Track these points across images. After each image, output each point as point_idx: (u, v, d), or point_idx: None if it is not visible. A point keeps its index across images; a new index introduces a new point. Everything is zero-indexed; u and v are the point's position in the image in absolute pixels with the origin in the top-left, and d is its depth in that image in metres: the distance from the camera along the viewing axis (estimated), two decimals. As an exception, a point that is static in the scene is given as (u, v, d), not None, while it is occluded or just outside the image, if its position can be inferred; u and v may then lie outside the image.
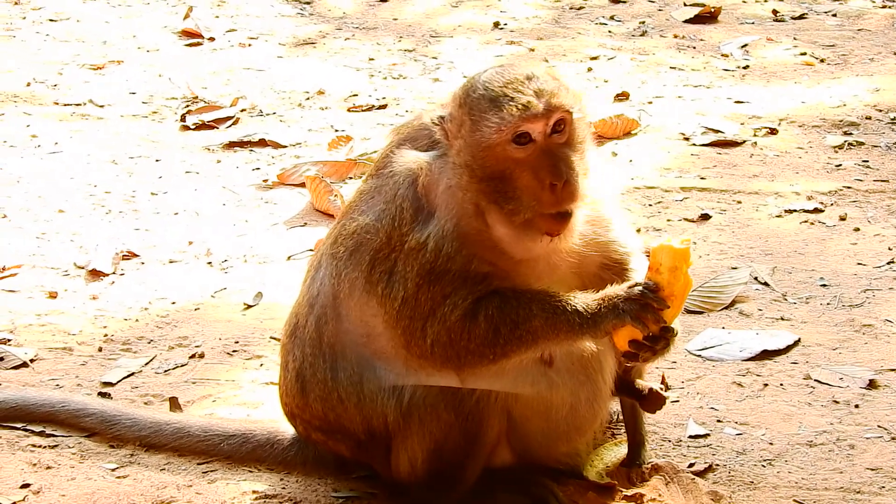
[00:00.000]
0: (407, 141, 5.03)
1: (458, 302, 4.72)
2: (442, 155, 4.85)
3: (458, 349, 4.74)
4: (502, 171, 4.69)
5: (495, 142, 4.64)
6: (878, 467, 5.51)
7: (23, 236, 7.92)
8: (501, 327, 4.71)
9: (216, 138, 9.69)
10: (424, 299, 4.75)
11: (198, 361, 6.42)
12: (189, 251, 7.77)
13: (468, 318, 4.71)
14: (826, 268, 7.50)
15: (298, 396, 5.17)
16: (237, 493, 5.29)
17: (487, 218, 4.78)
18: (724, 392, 6.15)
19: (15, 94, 10.57)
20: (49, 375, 6.26)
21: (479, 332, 4.71)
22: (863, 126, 9.84)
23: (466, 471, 5.07)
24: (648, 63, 11.57)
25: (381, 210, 4.92)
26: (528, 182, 4.67)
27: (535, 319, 4.70)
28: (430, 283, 4.75)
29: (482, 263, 4.78)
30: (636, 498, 5.25)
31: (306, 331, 5.12)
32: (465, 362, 4.77)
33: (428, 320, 4.74)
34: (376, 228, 4.89)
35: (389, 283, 4.81)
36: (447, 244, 4.76)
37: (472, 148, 4.70)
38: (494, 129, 4.63)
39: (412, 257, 4.78)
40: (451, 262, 4.76)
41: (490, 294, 4.74)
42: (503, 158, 4.67)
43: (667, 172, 9.01)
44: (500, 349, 4.74)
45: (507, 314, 4.70)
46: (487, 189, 4.71)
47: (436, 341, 4.75)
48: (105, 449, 5.63)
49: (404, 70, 11.41)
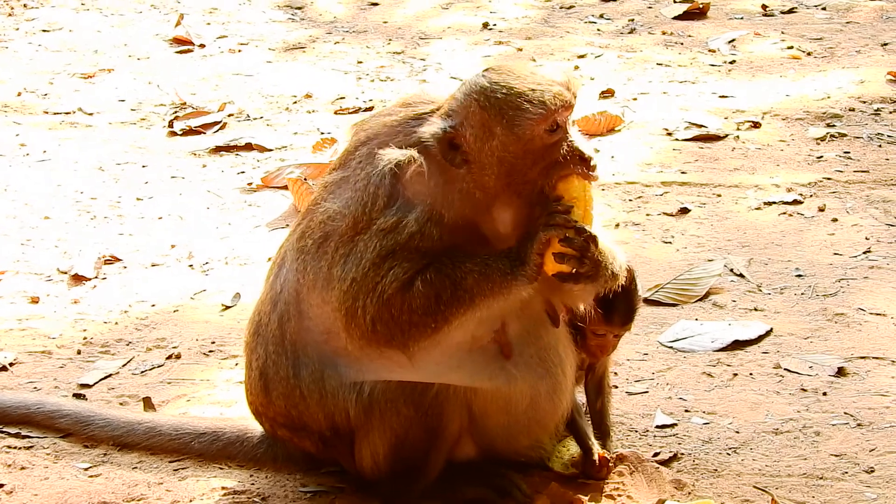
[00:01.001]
0: (375, 136, 5.09)
1: (400, 274, 4.79)
2: (430, 153, 4.90)
3: (400, 323, 4.79)
4: (535, 159, 4.84)
5: (537, 133, 4.79)
6: (842, 453, 5.56)
7: (8, 243, 8.01)
8: (441, 292, 4.78)
9: (203, 143, 9.77)
10: (372, 276, 4.82)
11: (174, 362, 6.50)
12: (171, 254, 7.85)
13: (405, 288, 4.78)
14: (802, 258, 7.55)
15: (262, 394, 5.24)
16: (206, 489, 5.36)
17: (501, 212, 4.91)
18: (693, 382, 6.21)
19: (5, 103, 10.68)
20: (27, 378, 6.34)
21: (417, 301, 4.78)
22: (846, 118, 9.89)
23: (429, 464, 5.13)
24: (635, 60, 11.63)
25: (350, 197, 4.96)
26: (554, 160, 4.83)
27: (469, 277, 4.78)
28: (382, 261, 4.82)
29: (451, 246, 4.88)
30: (599, 488, 5.31)
31: (269, 329, 5.19)
32: (409, 336, 4.82)
33: (368, 297, 4.80)
34: (343, 214, 4.95)
35: (345, 264, 4.87)
36: (431, 227, 4.84)
37: (511, 144, 4.81)
38: (537, 120, 4.77)
39: (377, 237, 4.83)
40: (425, 241, 4.84)
41: (426, 265, 4.82)
42: (538, 147, 4.82)
43: (648, 168, 9.06)
44: (440, 315, 4.79)
45: (443, 279, 4.78)
46: (517, 178, 4.85)
47: (376, 318, 4.80)
48: (79, 449, 5.70)
49: (392, 72, 11.49)
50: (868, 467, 5.44)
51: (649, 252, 7.70)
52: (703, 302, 7.08)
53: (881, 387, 6.10)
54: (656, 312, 6.97)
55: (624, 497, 5.27)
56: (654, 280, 7.26)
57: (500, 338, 5.04)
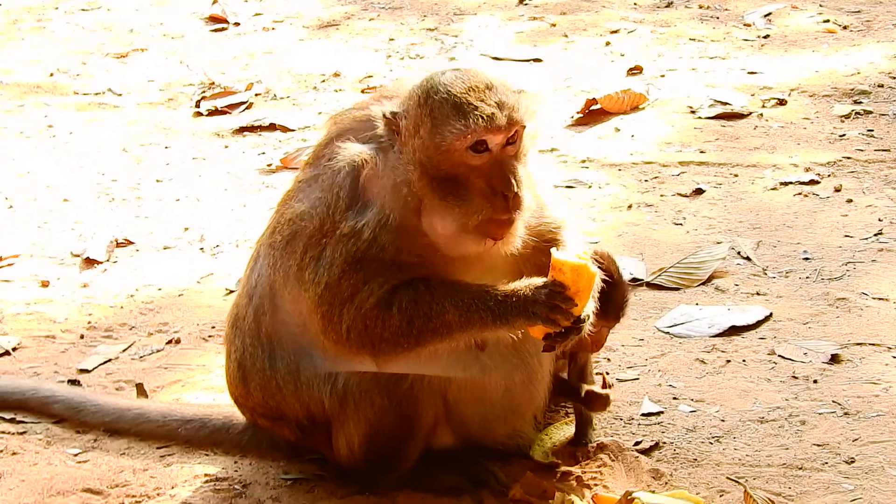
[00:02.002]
0: (347, 131, 5.12)
1: (375, 289, 4.82)
2: (385, 149, 4.94)
3: (373, 337, 4.85)
4: (455, 175, 4.78)
5: (455, 147, 4.73)
6: (825, 443, 5.53)
7: (25, 226, 8.15)
8: (415, 320, 4.81)
9: (227, 124, 9.86)
10: (346, 285, 4.85)
11: (173, 347, 6.59)
12: (184, 237, 7.94)
13: (382, 306, 4.82)
14: (812, 241, 7.50)
15: (241, 385, 5.32)
16: (190, 476, 5.45)
17: (428, 216, 4.87)
18: (685, 369, 6.20)
19: (37, 84, 10.83)
20: (29, 363, 6.45)
21: (393, 322, 4.82)
22: (874, 94, 9.78)
23: (404, 453, 5.19)
24: (668, 35, 11.55)
25: (317, 198, 5.01)
26: (479, 187, 4.77)
27: (447, 314, 4.80)
28: (354, 269, 4.85)
29: (412, 256, 4.88)
30: (576, 477, 5.33)
31: (246, 321, 5.26)
32: (379, 350, 4.88)
33: (345, 306, 4.85)
34: (311, 215, 5.00)
35: (316, 267, 4.92)
36: (382, 234, 4.86)
37: (429, 149, 4.78)
38: (457, 136, 4.71)
39: (342, 243, 4.88)
40: (381, 252, 4.86)
41: (406, 284, 4.83)
42: (458, 163, 4.76)
43: (667, 147, 9.02)
44: (413, 339, 4.84)
45: (420, 308, 4.80)
46: (437, 189, 4.80)
47: (351, 327, 4.86)
48: (71, 435, 5.80)
49: (422, 50, 11.49)
50: (849, 458, 5.41)
51: (659, 234, 7.68)
52: (705, 286, 7.05)
53: (873, 374, 6.06)
54: (657, 297, 6.96)
55: (600, 486, 5.29)
56: (660, 263, 7.25)
57: (474, 329, 5.06)
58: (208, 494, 5.31)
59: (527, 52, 11.26)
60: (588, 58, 11.12)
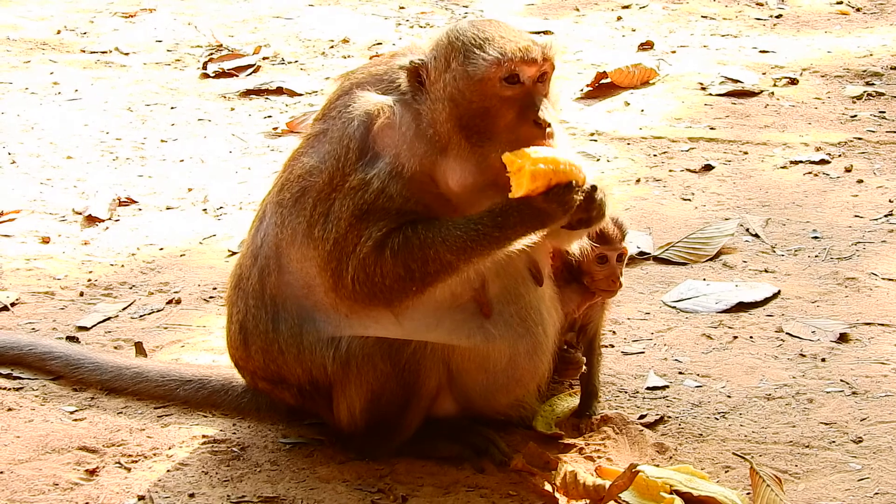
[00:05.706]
0: (363, 84, 5.05)
1: (373, 233, 4.76)
2: (405, 102, 4.87)
3: (376, 285, 4.78)
4: (486, 108, 4.75)
5: (489, 76, 4.71)
6: (832, 422, 5.46)
7: (28, 182, 8.07)
8: (410, 262, 4.75)
9: (234, 86, 9.77)
10: (351, 237, 4.79)
11: (174, 307, 6.52)
12: (187, 198, 7.86)
13: (377, 251, 4.75)
14: (821, 220, 7.42)
15: (241, 348, 5.23)
16: (187, 437, 5.37)
17: (451, 161, 4.80)
18: (691, 344, 6.13)
19: (44, 41, 10.74)
20: (27, 319, 6.38)
21: (389, 267, 4.75)
22: (886, 76, 9.70)
23: (405, 420, 5.11)
24: (680, 12, 11.46)
25: (327, 151, 4.95)
26: (510, 119, 4.73)
27: (441, 249, 4.73)
28: (360, 220, 4.78)
29: (419, 206, 4.82)
30: (579, 449, 5.27)
31: (249, 282, 5.17)
32: (389, 298, 4.80)
33: (349, 257, 4.78)
34: (320, 170, 4.93)
35: (325, 224, 4.85)
36: (391, 184, 4.80)
37: (461, 81, 4.75)
38: (491, 63, 4.70)
39: (350, 196, 4.81)
40: (388, 202, 4.79)
41: (400, 227, 4.77)
42: (491, 94, 4.73)
43: (677, 122, 8.94)
44: (417, 282, 4.77)
45: (412, 248, 4.74)
46: (466, 125, 4.76)
47: (355, 278, 4.78)
48: (68, 392, 5.73)
49: (432, 18, 11.40)
50: (857, 437, 5.34)
51: (667, 209, 7.60)
52: (713, 262, 6.98)
53: (882, 354, 5.98)
54: (664, 271, 6.89)
55: (603, 459, 5.21)
56: (667, 237, 7.18)
57: (480, 297, 4.99)
58: (205, 456, 5.24)
59: (537, 25, 11.16)
60: (599, 32, 11.03)
